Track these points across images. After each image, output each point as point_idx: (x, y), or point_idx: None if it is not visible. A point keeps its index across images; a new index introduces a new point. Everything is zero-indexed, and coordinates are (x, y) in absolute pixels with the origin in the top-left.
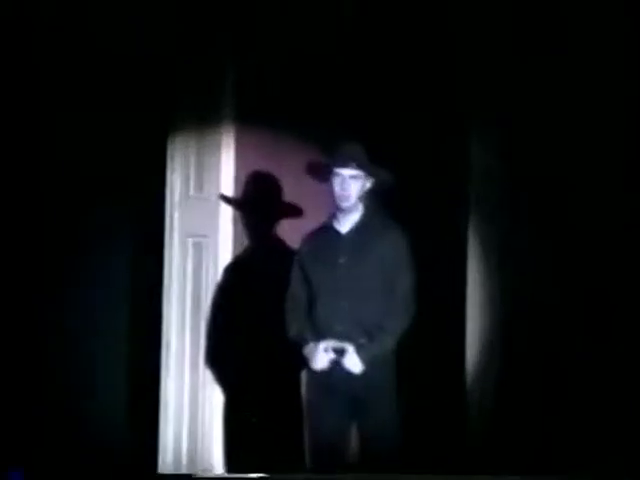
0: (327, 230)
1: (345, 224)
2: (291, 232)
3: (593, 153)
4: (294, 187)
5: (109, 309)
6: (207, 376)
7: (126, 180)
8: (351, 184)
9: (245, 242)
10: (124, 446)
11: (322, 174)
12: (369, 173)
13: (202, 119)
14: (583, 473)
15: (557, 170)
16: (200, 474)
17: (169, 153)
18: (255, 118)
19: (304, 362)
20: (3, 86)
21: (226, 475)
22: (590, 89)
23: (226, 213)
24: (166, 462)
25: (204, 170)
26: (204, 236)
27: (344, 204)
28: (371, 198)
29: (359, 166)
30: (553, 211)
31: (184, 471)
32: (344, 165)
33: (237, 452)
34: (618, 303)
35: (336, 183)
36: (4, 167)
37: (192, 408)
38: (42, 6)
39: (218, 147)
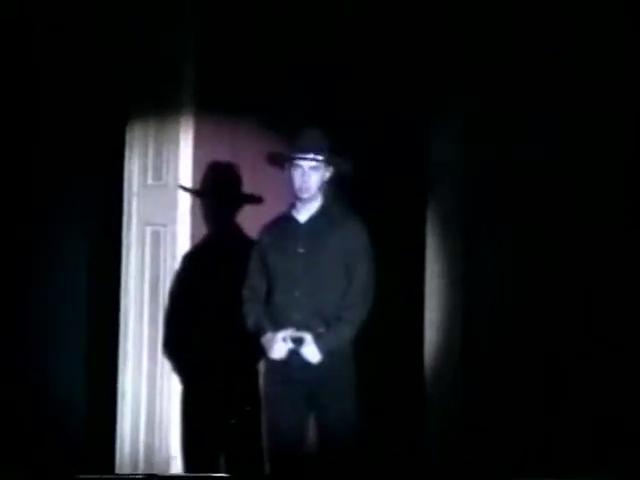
0: (286, 219)
1: (304, 213)
2: (250, 221)
3: (557, 144)
4: (253, 176)
5: (66, 298)
6: (165, 366)
7: (84, 168)
8: (311, 175)
9: (203, 231)
10: (82, 436)
11: (282, 164)
12: (329, 163)
13: (161, 107)
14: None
15: (519, 154)
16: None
17: (127, 141)
18: (214, 106)
19: (262, 352)
20: None
21: (187, 474)
22: (556, 80)
23: (185, 202)
24: (124, 453)
25: (162, 159)
26: (162, 225)
27: (305, 195)
28: (330, 187)
29: (319, 156)
30: (513, 197)
31: (142, 462)
32: (304, 156)
33: (195, 442)
34: (580, 294)
35: (296, 174)
36: None
37: (150, 398)
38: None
39: (177, 136)
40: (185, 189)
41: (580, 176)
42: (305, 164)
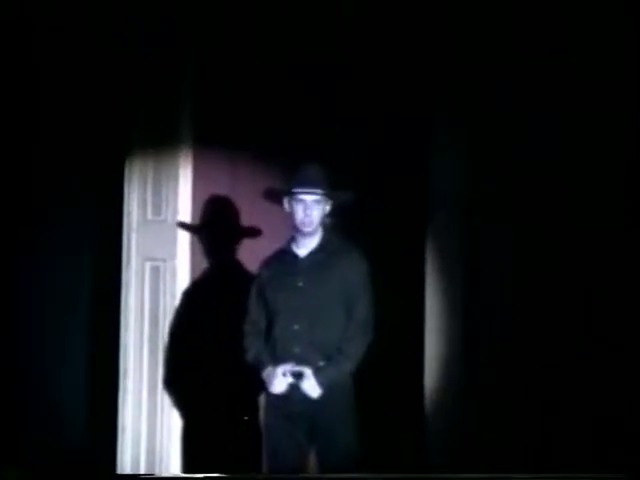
0: (285, 254)
1: (303, 247)
2: (249, 256)
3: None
4: (252, 210)
5: (67, 332)
6: (165, 401)
7: (83, 203)
8: (314, 209)
9: (203, 266)
10: (82, 471)
11: (281, 200)
12: (330, 197)
13: (160, 142)
14: None
15: (518, 193)
16: None
17: (126, 177)
18: (213, 141)
19: (262, 386)
20: None
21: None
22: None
23: (184, 237)
24: None
25: (162, 194)
26: (162, 260)
27: (307, 229)
28: (329, 221)
29: (321, 191)
30: (515, 235)
31: None
32: (306, 190)
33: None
34: (581, 314)
35: (298, 209)
36: None
37: (150, 433)
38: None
39: (176, 171)
40: (184, 225)
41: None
42: (308, 198)
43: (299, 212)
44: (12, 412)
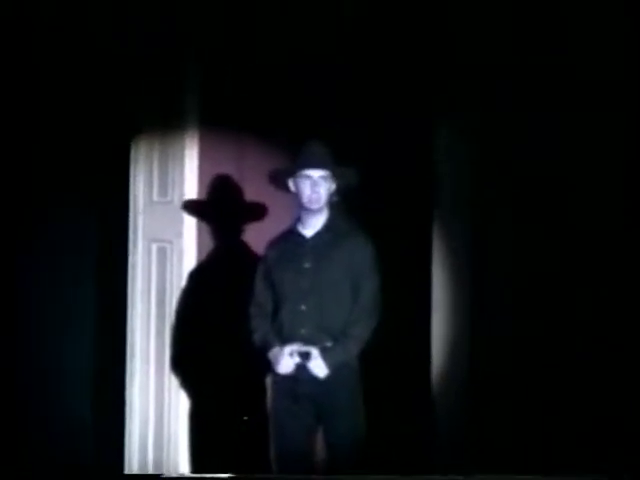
0: (292, 234)
1: (310, 228)
2: (256, 237)
3: (565, 155)
4: (258, 191)
5: (73, 314)
6: (172, 381)
7: (89, 185)
8: (321, 185)
9: (209, 247)
10: (90, 452)
11: (286, 179)
12: (336, 174)
13: (165, 123)
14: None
15: (526, 174)
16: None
17: (132, 158)
18: (218, 122)
19: (269, 367)
20: None
21: (195, 475)
22: (556, 80)
23: (190, 218)
24: (132, 468)
25: (168, 175)
26: (168, 241)
27: (315, 205)
28: (335, 202)
29: (327, 166)
30: (522, 214)
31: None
32: (313, 166)
33: (203, 457)
34: (583, 310)
35: (305, 186)
36: None
37: (157, 413)
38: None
39: (182, 152)
40: (191, 206)
41: (581, 175)
42: (314, 174)
43: (306, 189)
44: (20, 394)
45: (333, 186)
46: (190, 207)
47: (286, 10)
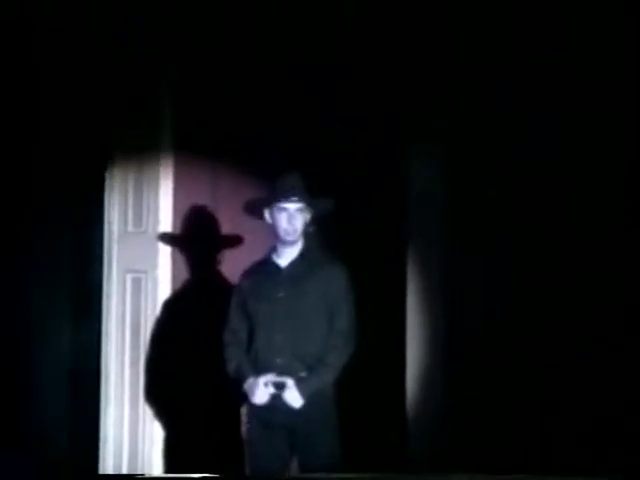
0: (267, 264)
1: (285, 258)
2: (230, 267)
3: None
4: (233, 221)
5: (49, 344)
6: (147, 411)
7: (64, 215)
8: (297, 217)
9: (184, 277)
10: None
11: (262, 210)
12: (311, 205)
13: (140, 153)
14: None
15: (497, 201)
16: None
17: (107, 188)
18: (194, 152)
19: (244, 397)
20: None
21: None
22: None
23: (165, 248)
24: None
25: (142, 205)
26: (143, 271)
27: (291, 237)
28: (310, 231)
29: (303, 199)
30: (493, 242)
31: None
32: (290, 200)
33: None
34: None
35: (282, 217)
36: None
37: (132, 443)
38: None
39: (156, 182)
40: (165, 236)
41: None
42: (291, 207)
43: (282, 221)
44: None
45: (308, 216)
46: (165, 237)
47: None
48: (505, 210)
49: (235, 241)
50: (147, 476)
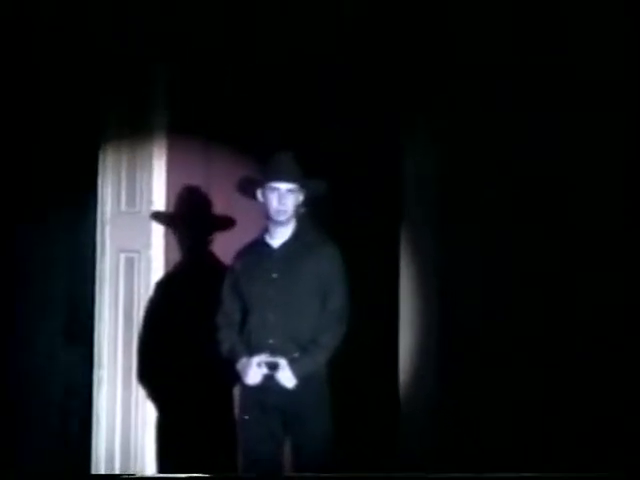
0: (259, 245)
1: (277, 238)
2: (223, 247)
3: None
4: (226, 201)
5: (41, 327)
6: (140, 393)
7: (57, 195)
8: (288, 197)
9: (177, 257)
10: (57, 463)
11: (254, 189)
12: (303, 186)
13: (133, 133)
14: None
15: (494, 179)
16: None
17: (100, 168)
18: (187, 132)
19: (237, 378)
20: None
21: (162, 475)
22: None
23: (158, 228)
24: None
25: (136, 185)
26: (136, 251)
27: (282, 217)
28: (303, 212)
29: (295, 180)
30: (488, 223)
31: None
32: (281, 179)
33: (170, 468)
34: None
35: (272, 197)
36: None
37: (124, 425)
38: None
39: (150, 162)
40: (158, 216)
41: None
42: (282, 187)
43: (273, 201)
44: None
45: (301, 197)
46: (158, 217)
47: (255, 20)
48: (501, 197)
49: (228, 221)
50: (138, 476)
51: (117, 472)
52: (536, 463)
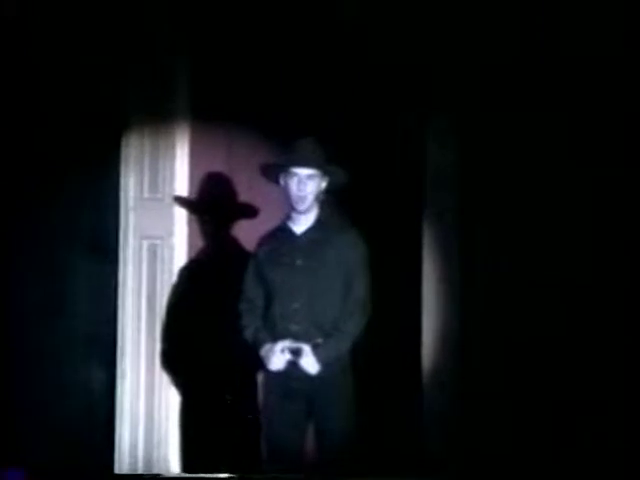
0: (283, 231)
1: (301, 225)
2: (246, 233)
3: (552, 157)
4: (249, 188)
5: (64, 313)
6: (163, 379)
7: (80, 181)
8: (308, 184)
9: (200, 244)
10: (80, 451)
11: (277, 174)
12: (324, 172)
13: (156, 120)
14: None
15: (514, 165)
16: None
17: (123, 155)
18: (209, 118)
19: (261, 363)
20: None
21: (188, 475)
22: (556, 80)
23: (181, 215)
24: (122, 466)
25: (158, 172)
26: (159, 238)
27: (301, 205)
28: (326, 199)
29: (315, 165)
30: (510, 210)
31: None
32: (300, 164)
33: (194, 454)
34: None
35: (292, 183)
36: None
37: (148, 411)
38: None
39: (172, 148)
40: (181, 202)
41: (580, 177)
42: (301, 172)
43: (293, 187)
44: (8, 398)
45: (323, 184)
46: (181, 204)
47: (278, 6)
48: (523, 185)
49: (251, 208)
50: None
51: (140, 462)
52: (542, 466)
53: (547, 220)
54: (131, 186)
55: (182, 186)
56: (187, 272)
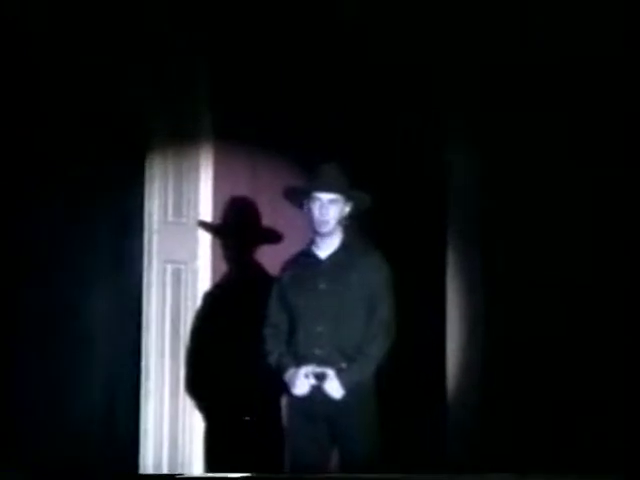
0: (306, 256)
1: (324, 249)
2: (270, 258)
3: (574, 170)
4: (273, 212)
5: (88, 336)
6: (187, 403)
7: (104, 205)
8: (330, 209)
9: (224, 268)
10: (105, 474)
11: (300, 199)
12: (348, 197)
13: (180, 144)
14: None
15: (537, 192)
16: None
17: (147, 178)
18: (233, 142)
19: (284, 388)
20: None
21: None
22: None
23: (205, 239)
24: None
25: (182, 195)
26: (183, 262)
27: (323, 229)
28: (350, 223)
29: (338, 190)
30: (535, 233)
31: None
32: (323, 189)
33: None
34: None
35: (315, 207)
36: None
37: (172, 435)
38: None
39: (196, 172)
40: (205, 226)
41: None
42: (324, 197)
43: (315, 211)
44: (32, 417)
45: (347, 209)
46: (205, 228)
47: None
48: (547, 205)
49: (275, 232)
50: (186, 476)
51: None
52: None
53: (573, 238)
54: (155, 209)
55: (206, 210)
56: (211, 296)
